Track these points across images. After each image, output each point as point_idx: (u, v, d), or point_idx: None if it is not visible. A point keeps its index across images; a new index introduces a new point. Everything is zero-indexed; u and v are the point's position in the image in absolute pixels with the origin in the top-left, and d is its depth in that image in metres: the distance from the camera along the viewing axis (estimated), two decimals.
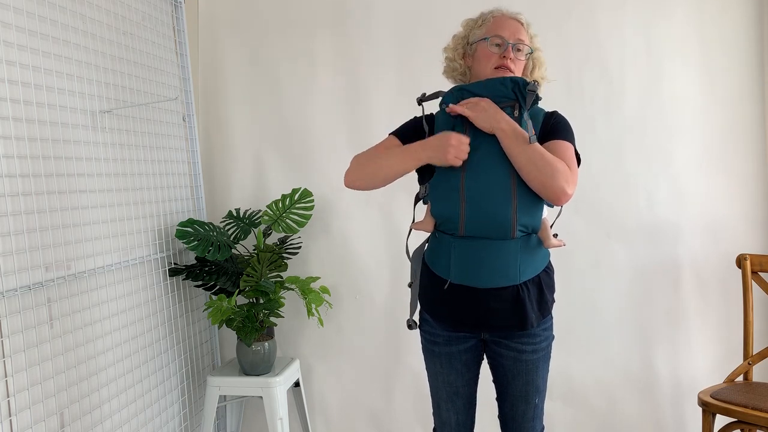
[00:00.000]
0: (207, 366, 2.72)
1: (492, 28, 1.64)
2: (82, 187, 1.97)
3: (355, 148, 2.69)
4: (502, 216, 1.53)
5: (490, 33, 1.63)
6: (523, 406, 1.70)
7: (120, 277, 2.15)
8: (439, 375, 1.72)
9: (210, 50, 2.80)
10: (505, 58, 1.61)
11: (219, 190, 2.83)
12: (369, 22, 2.68)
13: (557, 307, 1.74)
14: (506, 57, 1.61)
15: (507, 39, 1.62)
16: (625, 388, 2.64)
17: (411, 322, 1.73)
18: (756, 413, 2.03)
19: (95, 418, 1.99)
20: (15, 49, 1.73)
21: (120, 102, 2.19)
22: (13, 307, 1.67)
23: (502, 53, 1.61)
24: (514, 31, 1.63)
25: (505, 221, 1.53)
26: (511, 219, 1.53)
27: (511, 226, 1.54)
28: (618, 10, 2.56)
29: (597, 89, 2.59)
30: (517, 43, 1.62)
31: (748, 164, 2.56)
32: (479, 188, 1.54)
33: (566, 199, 1.51)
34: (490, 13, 1.69)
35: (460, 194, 1.56)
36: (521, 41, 1.63)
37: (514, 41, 1.62)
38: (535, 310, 1.61)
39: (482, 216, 1.54)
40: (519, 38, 1.63)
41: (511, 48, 1.61)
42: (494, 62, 1.62)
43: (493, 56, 1.62)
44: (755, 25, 2.52)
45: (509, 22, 1.64)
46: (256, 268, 2.32)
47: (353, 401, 2.78)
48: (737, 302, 2.49)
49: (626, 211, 2.59)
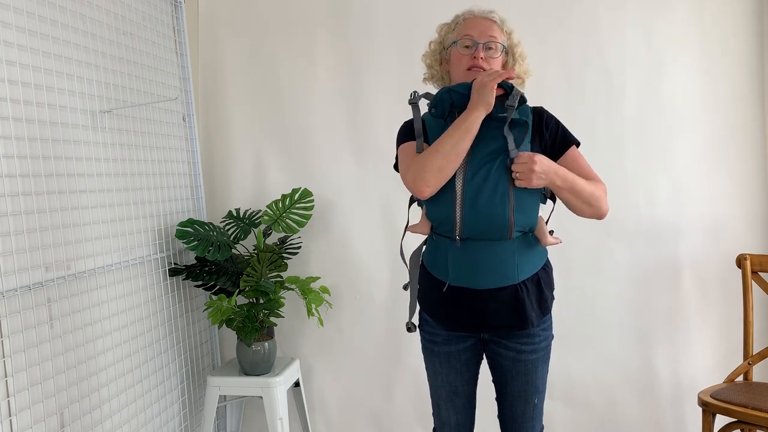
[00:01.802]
0: (207, 366, 2.72)
1: (462, 30, 1.64)
2: (82, 187, 1.97)
3: (355, 148, 2.72)
4: (500, 217, 1.53)
5: (460, 35, 1.63)
6: (523, 405, 1.70)
7: (120, 277, 2.15)
8: (439, 374, 1.72)
9: (210, 50, 2.80)
10: (476, 59, 1.60)
11: (219, 190, 2.83)
12: (369, 22, 2.68)
13: (557, 307, 1.74)
14: (477, 57, 1.60)
15: (476, 39, 1.61)
16: (625, 388, 2.64)
17: (410, 324, 1.73)
18: (756, 413, 2.03)
19: (95, 418, 1.99)
20: (15, 49, 1.73)
21: (120, 102, 2.19)
22: (13, 307, 1.68)
23: (473, 54, 1.61)
24: (484, 30, 1.61)
25: (503, 222, 1.53)
26: (509, 220, 1.53)
27: (509, 227, 1.54)
28: (619, 9, 2.56)
29: (597, 89, 2.59)
30: (487, 42, 1.61)
31: (748, 164, 2.56)
32: (475, 190, 1.54)
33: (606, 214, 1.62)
34: (462, 15, 1.68)
35: (454, 197, 1.56)
36: (492, 38, 1.61)
37: (484, 40, 1.61)
38: (535, 308, 1.61)
39: (479, 218, 1.54)
40: (490, 36, 1.61)
41: (481, 47, 1.60)
42: (465, 63, 1.61)
43: (464, 58, 1.62)
44: (755, 25, 2.52)
45: (479, 22, 1.63)
46: (256, 268, 2.32)
47: (353, 401, 2.78)
48: (737, 302, 2.49)
49: (626, 211, 2.59)
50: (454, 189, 1.56)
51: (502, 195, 1.53)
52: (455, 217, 1.56)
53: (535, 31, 2.56)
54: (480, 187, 1.53)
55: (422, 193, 1.53)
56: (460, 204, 1.55)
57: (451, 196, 1.56)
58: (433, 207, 1.60)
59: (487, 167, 1.54)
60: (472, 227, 1.55)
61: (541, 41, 2.56)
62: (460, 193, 1.55)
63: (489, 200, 1.53)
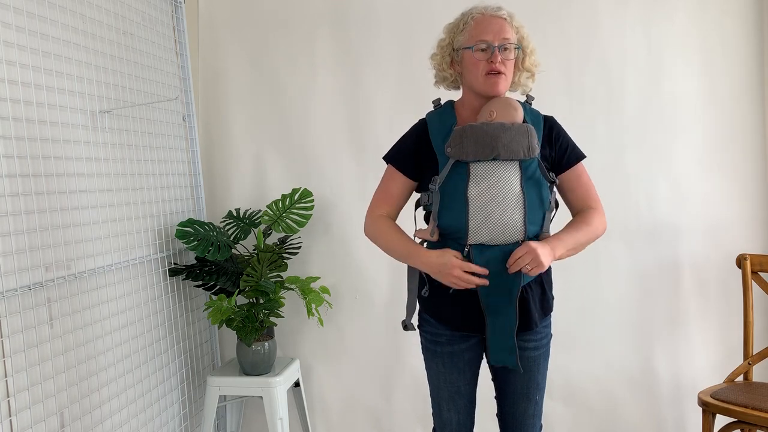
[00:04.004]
0: (207, 366, 2.72)
1: (474, 33, 1.57)
2: (82, 187, 1.97)
3: (355, 148, 2.71)
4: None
5: (474, 39, 1.57)
6: (524, 403, 1.70)
7: (120, 277, 2.15)
8: (441, 375, 1.72)
9: (210, 50, 2.80)
10: (493, 63, 1.56)
11: (219, 190, 2.83)
12: (369, 22, 2.68)
13: (557, 307, 1.74)
14: (494, 62, 1.56)
15: (491, 42, 1.55)
16: (625, 388, 2.64)
17: (408, 323, 1.73)
18: (756, 413, 2.03)
19: (95, 418, 1.99)
20: (15, 49, 1.73)
21: (120, 102, 2.19)
22: (13, 307, 1.67)
23: (490, 58, 1.56)
24: (497, 32, 1.56)
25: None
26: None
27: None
28: (619, 10, 2.56)
29: (597, 89, 2.59)
30: (502, 43, 1.56)
31: (748, 164, 2.56)
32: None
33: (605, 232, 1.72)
34: (470, 14, 1.61)
35: (466, 205, 1.55)
36: (507, 40, 1.56)
37: (499, 42, 1.55)
38: (538, 309, 1.63)
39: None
40: (504, 37, 1.56)
41: (497, 51, 1.55)
42: (483, 69, 1.57)
43: (480, 63, 1.57)
44: (756, 25, 2.52)
45: (491, 22, 1.57)
46: (256, 268, 2.32)
47: (353, 401, 2.78)
48: (737, 302, 2.49)
49: (626, 211, 2.59)
50: (466, 197, 1.55)
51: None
52: (467, 224, 1.56)
53: (536, 31, 2.52)
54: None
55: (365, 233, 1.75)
56: (473, 212, 1.55)
57: (463, 204, 1.55)
58: (444, 215, 1.59)
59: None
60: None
61: (542, 41, 2.54)
62: (474, 201, 1.55)
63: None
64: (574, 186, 1.67)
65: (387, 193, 1.72)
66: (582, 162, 1.69)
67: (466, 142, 1.53)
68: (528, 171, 1.56)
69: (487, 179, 1.54)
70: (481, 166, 1.55)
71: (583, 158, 1.69)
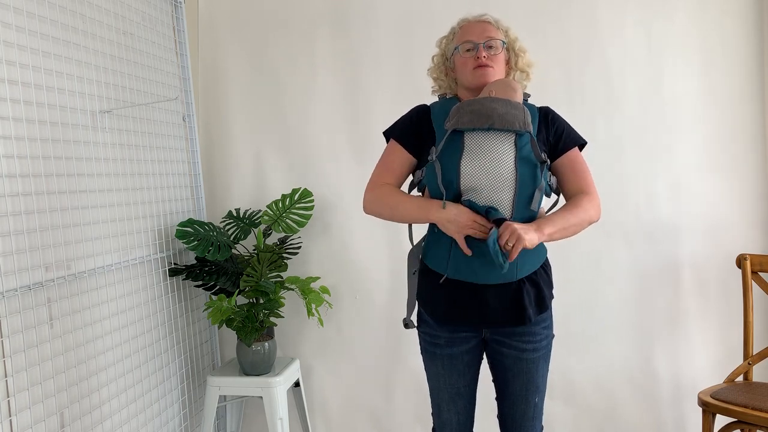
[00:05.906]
0: (207, 366, 2.72)
1: (460, 37, 1.69)
2: (82, 187, 1.97)
3: (355, 148, 2.71)
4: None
5: (460, 41, 1.69)
6: (523, 405, 1.70)
7: (120, 277, 2.15)
8: (441, 377, 1.72)
9: (210, 50, 2.80)
10: (479, 58, 1.64)
11: (219, 190, 2.83)
12: (369, 22, 2.68)
13: (558, 307, 1.74)
14: (479, 57, 1.64)
15: (476, 41, 1.66)
16: (625, 388, 2.64)
17: (408, 321, 1.73)
18: (756, 413, 2.03)
19: (95, 418, 1.99)
20: (15, 49, 1.73)
21: (120, 102, 2.19)
22: (13, 307, 1.67)
23: (476, 55, 1.65)
24: (481, 32, 1.67)
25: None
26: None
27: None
28: (619, 10, 2.56)
29: (597, 89, 2.59)
30: (487, 41, 1.66)
31: (748, 164, 2.56)
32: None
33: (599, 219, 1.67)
34: (458, 24, 1.74)
35: (458, 177, 1.56)
36: (491, 38, 1.67)
37: (483, 40, 1.66)
38: (533, 305, 1.62)
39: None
40: (488, 36, 1.67)
41: (482, 47, 1.65)
42: (471, 65, 1.66)
43: (468, 60, 1.67)
44: (756, 25, 2.52)
45: (475, 26, 1.69)
46: (256, 268, 2.32)
47: (353, 401, 2.78)
48: (737, 302, 2.49)
49: (626, 211, 2.59)
50: (458, 170, 1.56)
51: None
52: (458, 196, 1.57)
53: (535, 32, 2.56)
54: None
55: (365, 211, 1.72)
56: (464, 185, 1.56)
57: (455, 175, 1.56)
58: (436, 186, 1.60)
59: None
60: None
61: (542, 41, 2.56)
62: (464, 175, 1.56)
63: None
64: (569, 171, 1.67)
65: (388, 166, 1.73)
66: (581, 152, 1.70)
67: (463, 112, 1.58)
68: (523, 151, 1.57)
69: (481, 154, 1.56)
70: (476, 139, 1.57)
71: (583, 144, 1.71)
